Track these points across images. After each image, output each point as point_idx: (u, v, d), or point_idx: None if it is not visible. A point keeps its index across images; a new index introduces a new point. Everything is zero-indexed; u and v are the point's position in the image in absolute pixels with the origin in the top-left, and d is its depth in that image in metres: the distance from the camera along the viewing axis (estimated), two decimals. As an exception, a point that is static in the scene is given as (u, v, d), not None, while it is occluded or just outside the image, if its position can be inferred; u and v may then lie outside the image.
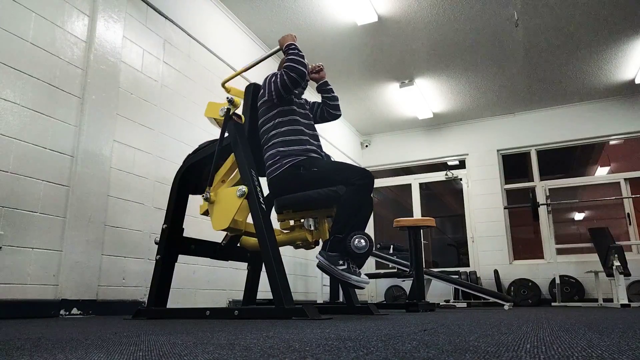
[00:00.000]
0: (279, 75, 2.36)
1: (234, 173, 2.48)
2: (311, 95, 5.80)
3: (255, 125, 2.51)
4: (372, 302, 4.77)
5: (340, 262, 2.09)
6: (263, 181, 2.38)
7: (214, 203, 2.33)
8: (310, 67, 2.59)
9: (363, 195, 2.16)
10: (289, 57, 2.39)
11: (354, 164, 7.24)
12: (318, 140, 2.50)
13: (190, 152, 2.70)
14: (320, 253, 2.15)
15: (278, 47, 2.50)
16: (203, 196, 2.34)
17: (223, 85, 2.55)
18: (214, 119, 2.50)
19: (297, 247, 2.55)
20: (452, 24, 4.78)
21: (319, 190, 2.29)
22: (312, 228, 2.42)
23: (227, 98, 2.39)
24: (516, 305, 5.99)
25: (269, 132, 2.41)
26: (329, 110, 2.69)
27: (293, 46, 2.43)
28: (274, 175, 2.36)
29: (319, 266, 2.15)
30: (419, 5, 4.48)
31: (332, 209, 2.39)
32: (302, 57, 2.39)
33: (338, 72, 5.72)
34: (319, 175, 2.29)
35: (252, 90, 2.55)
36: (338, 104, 2.71)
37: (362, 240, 2.06)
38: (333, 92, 2.70)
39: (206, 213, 2.41)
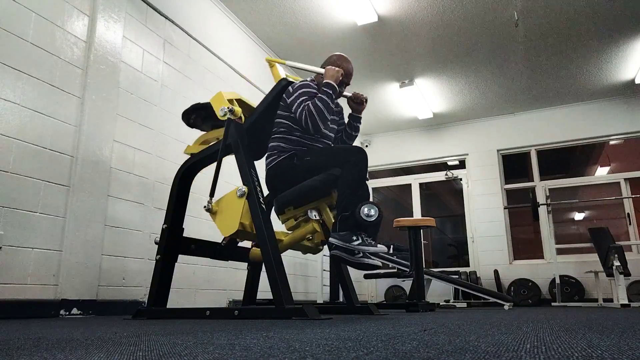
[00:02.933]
0: (307, 111, 2.31)
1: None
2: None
3: (270, 115, 2.52)
4: (372, 302, 4.77)
5: (354, 237, 2.10)
6: (263, 181, 2.39)
7: (217, 213, 2.31)
8: (354, 93, 2.56)
9: (360, 171, 2.19)
10: (319, 100, 2.32)
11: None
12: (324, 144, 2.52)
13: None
14: (332, 236, 2.15)
15: (322, 71, 2.46)
16: (205, 207, 2.32)
17: (268, 60, 2.76)
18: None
19: (305, 252, 2.55)
20: (452, 24, 4.78)
21: (315, 177, 2.30)
22: (317, 217, 2.41)
23: (228, 108, 2.35)
24: (516, 305, 5.99)
25: (280, 126, 2.45)
26: (343, 139, 2.72)
27: (330, 87, 2.36)
28: (269, 167, 2.42)
29: (335, 254, 2.15)
30: (419, 5, 4.48)
31: (331, 196, 2.39)
32: (328, 106, 2.32)
33: (338, 72, 5.72)
34: (313, 163, 2.31)
35: (283, 86, 2.52)
36: (355, 138, 2.74)
37: (372, 209, 2.07)
38: (359, 130, 2.72)
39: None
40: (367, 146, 7.82)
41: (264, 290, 3.40)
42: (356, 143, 7.62)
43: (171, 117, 3.65)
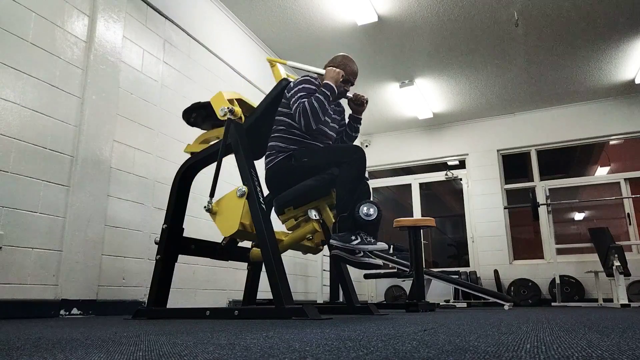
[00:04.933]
0: (300, 109, 2.30)
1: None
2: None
3: (270, 115, 2.52)
4: (372, 302, 4.77)
5: (353, 237, 2.11)
6: (263, 181, 2.39)
7: (217, 213, 2.30)
8: (354, 94, 2.56)
9: (358, 170, 2.19)
10: (315, 99, 2.32)
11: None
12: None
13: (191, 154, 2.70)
14: (332, 238, 2.16)
15: (324, 71, 2.46)
16: (205, 207, 2.32)
17: (269, 60, 2.78)
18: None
19: (305, 252, 2.55)
20: (452, 24, 4.78)
21: (314, 177, 2.30)
22: (317, 217, 2.41)
23: (228, 108, 2.35)
24: (516, 305, 5.99)
25: (279, 124, 2.45)
26: (343, 139, 2.73)
27: (328, 87, 2.35)
28: (268, 167, 2.42)
29: (335, 254, 2.15)
30: (419, 5, 4.48)
31: (331, 195, 2.39)
32: (323, 106, 2.31)
33: (338, 72, 5.72)
34: (311, 163, 2.31)
35: (283, 86, 2.53)
36: (355, 139, 2.75)
37: (371, 208, 2.07)
38: (359, 130, 2.72)
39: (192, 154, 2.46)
40: (367, 146, 7.82)
41: (264, 290, 3.40)
42: (356, 143, 7.62)
43: (171, 117, 3.65)
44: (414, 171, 7.67)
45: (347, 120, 2.73)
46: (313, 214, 2.38)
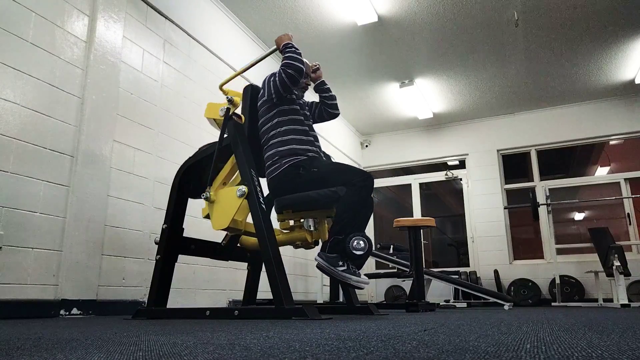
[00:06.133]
0: (277, 74, 2.36)
1: (235, 175, 2.48)
2: (310, 95, 5.79)
3: (255, 127, 2.51)
4: (372, 302, 4.77)
5: (340, 262, 2.09)
6: (263, 181, 2.38)
7: (214, 203, 2.32)
8: (307, 67, 2.59)
9: (363, 197, 2.16)
10: (286, 55, 2.39)
11: (354, 164, 7.25)
12: (318, 141, 2.51)
13: (191, 155, 2.70)
14: (319, 254, 2.14)
15: (275, 47, 2.50)
16: (203, 196, 2.33)
17: (220, 87, 2.53)
18: (214, 119, 2.50)
19: (296, 246, 2.55)
20: (452, 24, 4.78)
21: (318, 190, 2.29)
22: (312, 228, 2.42)
23: (227, 98, 2.39)
24: (516, 305, 5.99)
25: (269, 132, 2.41)
26: (327, 110, 2.70)
27: (290, 45, 2.43)
28: (273, 175, 2.37)
29: (319, 267, 2.15)
30: (419, 5, 4.48)
31: (332, 209, 2.38)
32: (299, 54, 2.39)
33: (338, 72, 5.72)
34: (319, 176, 2.29)
35: (251, 91, 2.55)
36: (336, 103, 2.72)
37: (361, 242, 2.06)
38: (330, 92, 2.71)
39: (208, 217, 2.39)
40: (367, 146, 7.82)
41: (264, 290, 3.40)
42: (356, 143, 7.62)
43: (171, 117, 3.65)
44: (414, 171, 7.67)
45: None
46: (309, 224, 2.39)
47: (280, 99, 2.40)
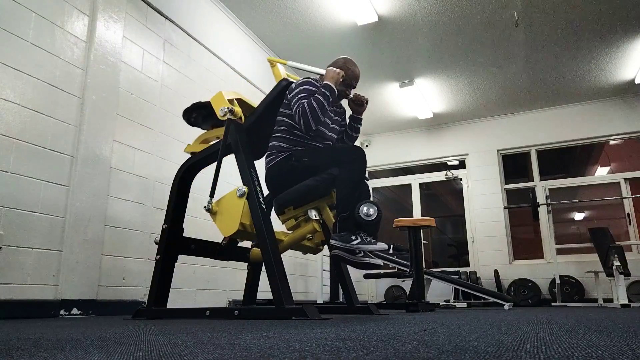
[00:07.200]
0: (304, 104, 2.30)
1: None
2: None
3: (270, 115, 2.52)
4: (372, 302, 4.77)
5: (353, 237, 2.11)
6: (262, 181, 2.39)
7: (217, 213, 2.30)
8: (355, 95, 2.56)
9: (359, 170, 2.18)
10: (314, 99, 2.31)
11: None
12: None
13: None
14: (332, 238, 2.16)
15: (324, 72, 2.46)
16: (205, 207, 2.31)
17: (269, 60, 2.81)
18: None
19: (305, 252, 2.55)
20: (452, 24, 4.78)
21: (314, 177, 2.30)
22: (317, 217, 2.41)
23: (228, 108, 2.35)
24: (516, 305, 5.99)
25: (280, 124, 2.44)
26: (343, 139, 2.71)
27: (327, 88, 2.34)
28: (268, 167, 2.42)
29: (335, 254, 2.16)
30: (419, 5, 4.48)
31: (332, 195, 2.39)
32: (322, 106, 2.31)
33: (338, 72, 5.72)
34: (310, 164, 2.31)
35: (284, 86, 2.53)
36: (356, 138, 2.73)
37: (371, 208, 2.07)
38: (359, 131, 2.71)
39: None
40: (367, 146, 7.82)
41: (264, 290, 3.40)
42: (356, 143, 7.62)
43: (171, 117, 3.65)
44: (414, 171, 7.67)
45: (347, 121, 2.73)
46: (313, 214, 2.38)
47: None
